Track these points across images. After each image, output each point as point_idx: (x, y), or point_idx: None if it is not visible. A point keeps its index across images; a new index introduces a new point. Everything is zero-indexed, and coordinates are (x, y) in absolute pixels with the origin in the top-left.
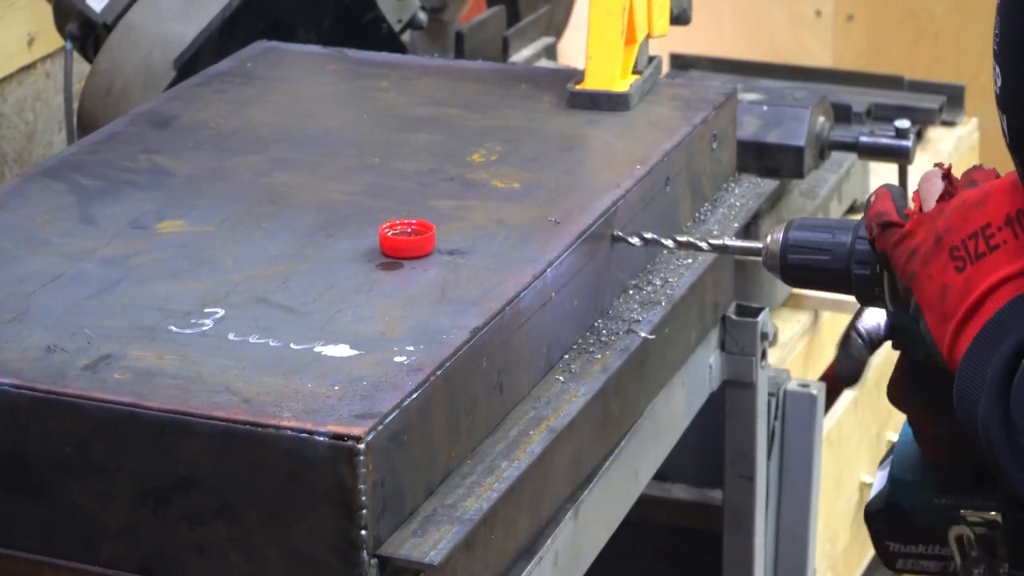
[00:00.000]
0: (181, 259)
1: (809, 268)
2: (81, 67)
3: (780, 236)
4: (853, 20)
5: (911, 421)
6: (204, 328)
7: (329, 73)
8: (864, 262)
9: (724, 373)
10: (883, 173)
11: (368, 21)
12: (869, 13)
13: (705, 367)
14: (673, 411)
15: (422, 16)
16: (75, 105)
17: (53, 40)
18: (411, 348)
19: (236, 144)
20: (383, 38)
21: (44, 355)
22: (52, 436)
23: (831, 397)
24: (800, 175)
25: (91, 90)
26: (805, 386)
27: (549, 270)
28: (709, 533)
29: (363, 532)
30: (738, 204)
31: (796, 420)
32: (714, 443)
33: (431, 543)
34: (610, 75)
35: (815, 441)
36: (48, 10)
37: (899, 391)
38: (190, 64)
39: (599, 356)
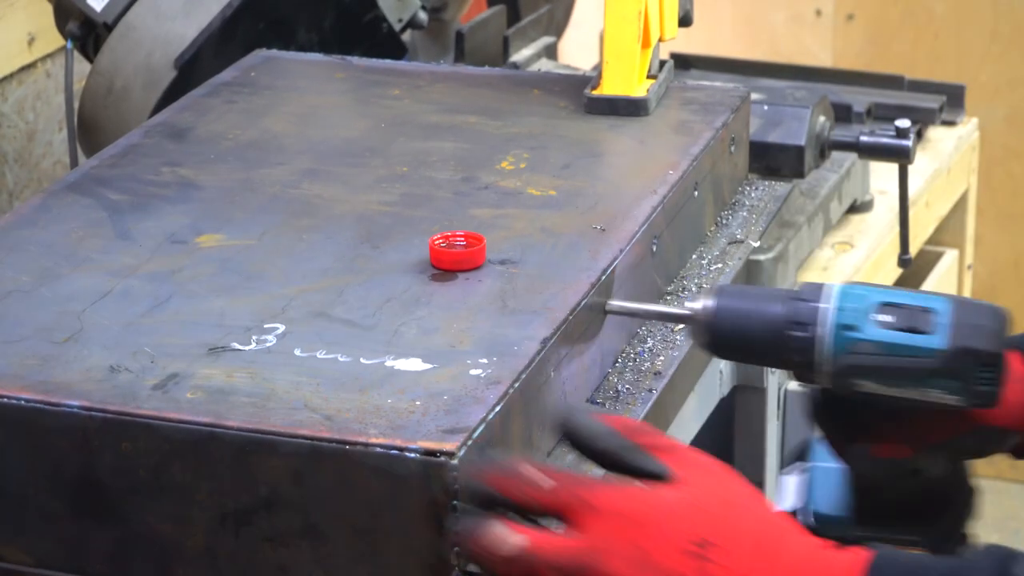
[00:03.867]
0: (228, 274)
1: (743, 337)
2: (82, 67)
3: (711, 304)
4: (853, 20)
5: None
6: (268, 344)
7: (337, 81)
8: (802, 323)
9: (734, 378)
10: (883, 172)
11: (368, 21)
12: (869, 13)
13: (716, 372)
14: (684, 417)
15: (423, 16)
16: (75, 105)
17: (53, 39)
18: (484, 360)
19: (259, 155)
20: (383, 38)
21: (109, 375)
22: (125, 458)
23: None
24: (801, 175)
25: (91, 90)
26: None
27: (604, 277)
28: None
29: (455, 549)
30: (758, 207)
31: (796, 420)
32: (715, 442)
33: None
34: (628, 80)
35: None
36: (48, 9)
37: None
38: (191, 64)
39: (649, 364)
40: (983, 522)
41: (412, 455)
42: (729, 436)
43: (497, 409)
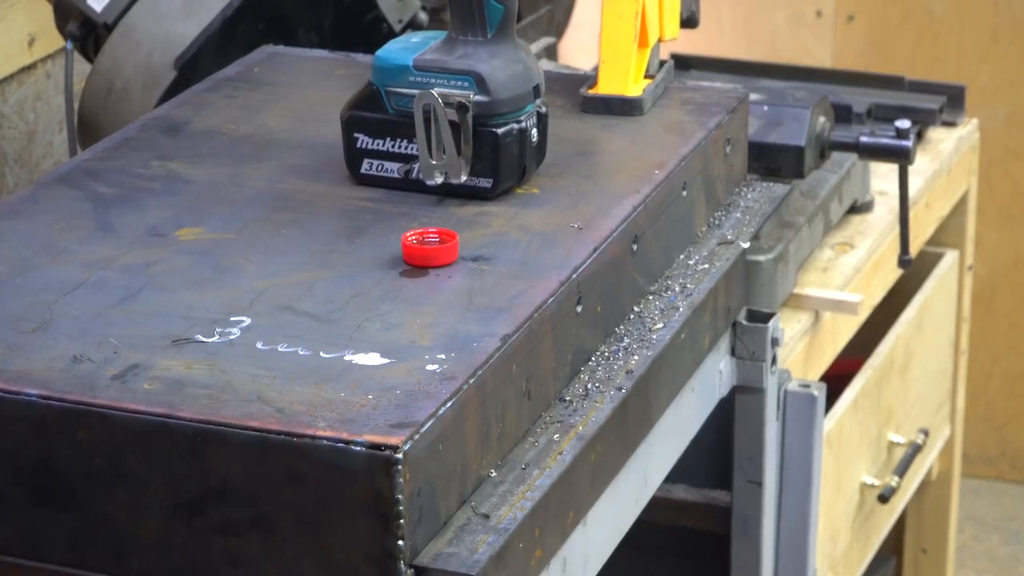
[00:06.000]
0: (202, 267)
1: None
2: (82, 67)
3: None
4: (853, 20)
5: None
6: (231, 337)
7: (338, 78)
8: None
9: (734, 379)
10: (884, 173)
11: (368, 21)
12: (869, 13)
13: (715, 372)
14: (684, 416)
15: (423, 16)
16: (76, 105)
17: (53, 40)
18: (442, 356)
19: (250, 150)
20: (384, 38)
21: (71, 365)
22: (82, 447)
23: (831, 397)
24: (800, 175)
25: (91, 90)
26: (805, 386)
27: (575, 276)
28: (710, 534)
29: (400, 542)
30: (753, 208)
31: (796, 420)
32: (714, 444)
33: (467, 553)
34: (623, 80)
35: (815, 441)
36: (48, 10)
37: None
38: (191, 64)
39: (623, 362)
40: (983, 522)
41: (358, 448)
42: (728, 436)
43: (449, 404)
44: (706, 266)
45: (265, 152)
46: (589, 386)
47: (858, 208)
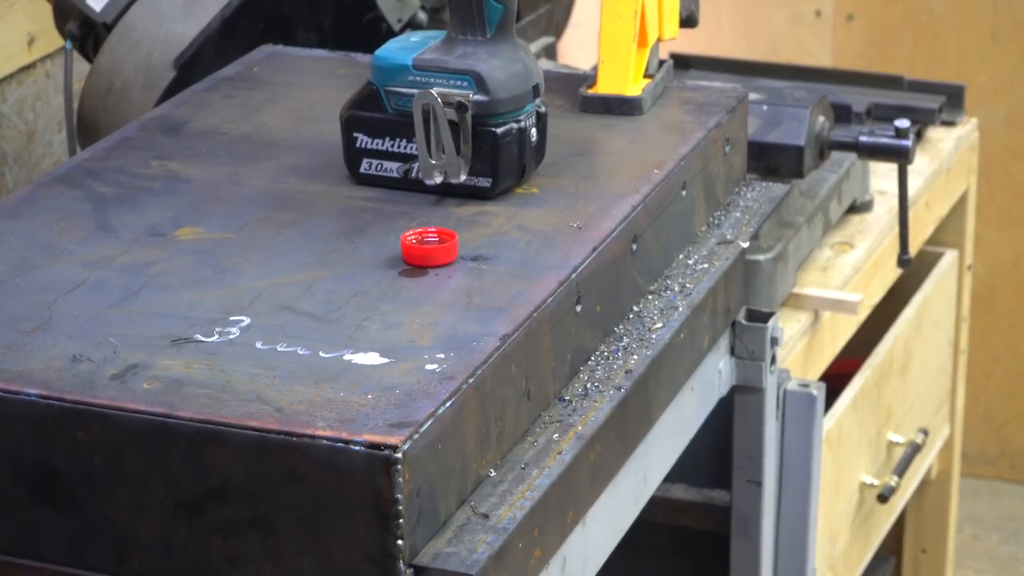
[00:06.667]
0: (202, 267)
1: None
2: (81, 67)
3: None
4: (853, 20)
5: None
6: (231, 336)
7: (337, 77)
8: None
9: (733, 378)
10: (883, 173)
11: (368, 21)
12: (869, 13)
13: (715, 372)
14: (683, 416)
15: (422, 16)
16: (75, 105)
17: (53, 40)
18: (441, 356)
19: (249, 150)
20: (383, 38)
21: (70, 365)
22: (81, 447)
23: (831, 397)
24: (800, 175)
25: (91, 90)
26: (805, 386)
27: (574, 275)
28: (709, 533)
29: (399, 542)
30: (752, 207)
31: (796, 420)
32: (713, 443)
33: (466, 552)
34: (622, 79)
35: (815, 441)
36: (48, 10)
37: None
38: (190, 64)
39: (622, 362)
40: (983, 522)
41: (357, 448)
42: (728, 436)
43: (448, 404)
44: (705, 266)
45: (265, 152)
46: (588, 386)
47: (857, 208)
